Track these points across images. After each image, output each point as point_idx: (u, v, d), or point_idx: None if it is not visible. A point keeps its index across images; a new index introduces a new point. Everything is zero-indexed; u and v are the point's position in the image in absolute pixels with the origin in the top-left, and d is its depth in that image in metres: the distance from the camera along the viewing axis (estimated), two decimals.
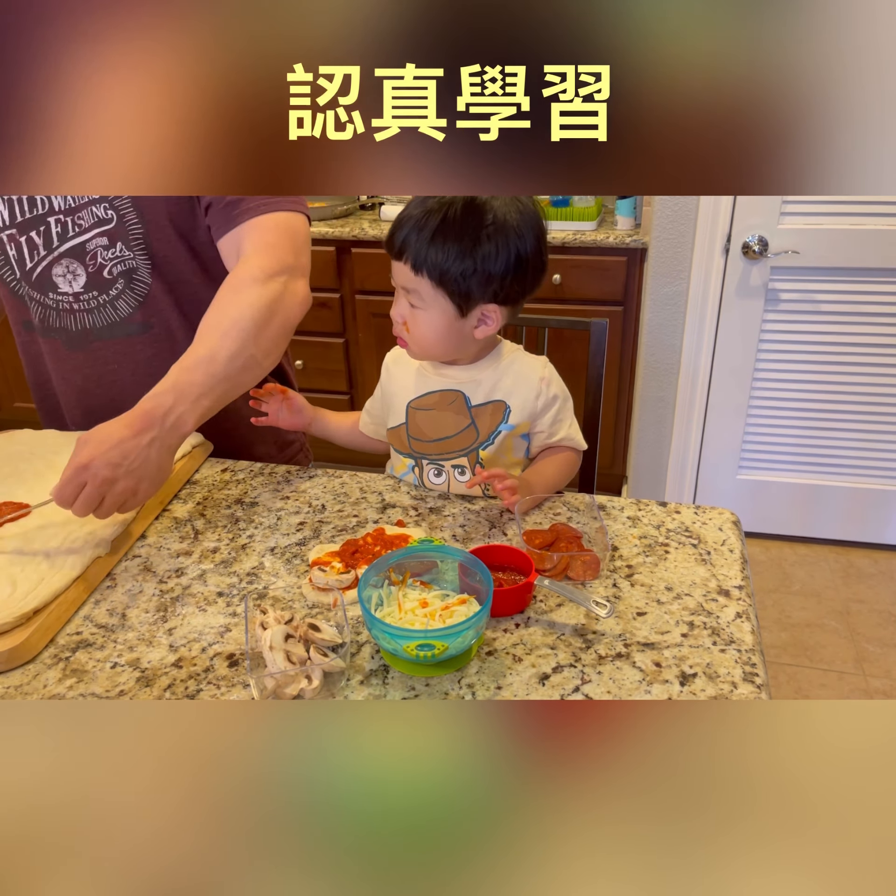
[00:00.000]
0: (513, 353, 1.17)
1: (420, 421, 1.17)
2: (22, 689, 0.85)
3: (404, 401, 1.18)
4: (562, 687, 0.83)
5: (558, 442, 1.18)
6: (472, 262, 1.01)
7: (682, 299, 2.37)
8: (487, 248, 1.01)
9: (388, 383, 1.22)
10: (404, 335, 1.11)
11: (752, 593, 0.96)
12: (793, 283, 2.28)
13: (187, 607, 0.96)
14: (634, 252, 2.45)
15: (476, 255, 1.01)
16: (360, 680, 0.84)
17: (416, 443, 1.18)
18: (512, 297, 1.07)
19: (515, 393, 1.14)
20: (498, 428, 1.14)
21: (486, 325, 1.08)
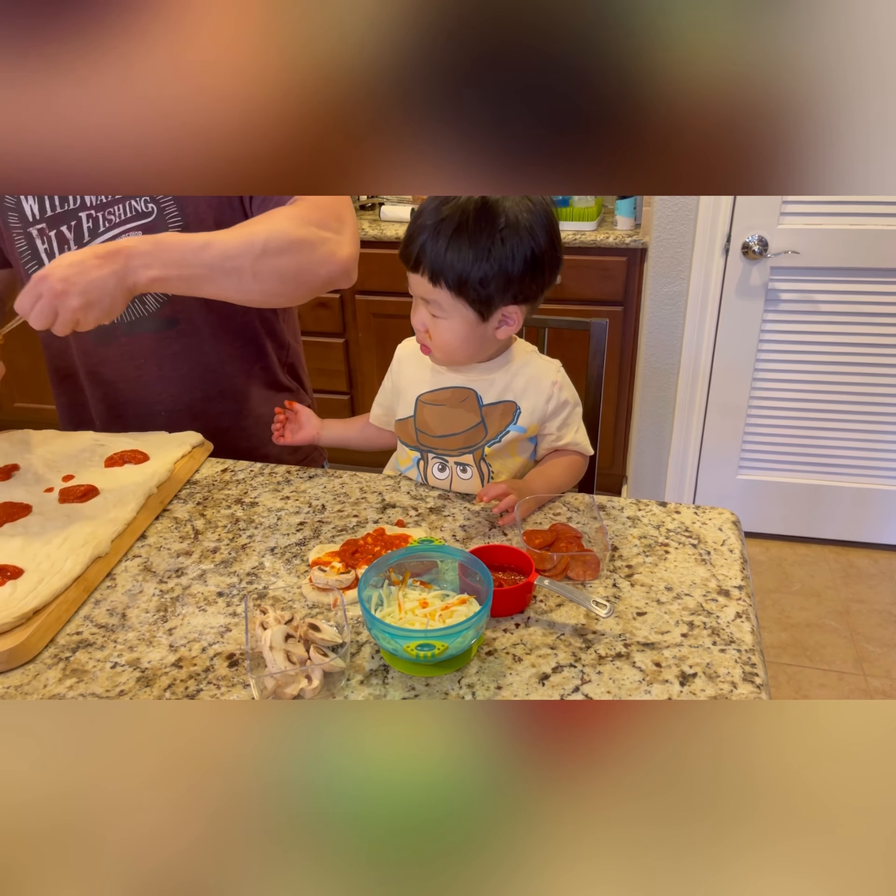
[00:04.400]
0: (527, 355, 1.17)
1: (428, 415, 1.17)
2: (22, 689, 0.85)
3: (415, 394, 1.18)
4: (562, 687, 0.83)
5: (564, 446, 1.18)
6: (489, 266, 1.00)
7: (682, 299, 2.37)
8: (503, 251, 1.00)
9: (399, 375, 1.22)
10: (427, 342, 1.11)
11: (752, 593, 0.96)
12: (793, 283, 2.28)
13: (187, 607, 0.96)
14: (634, 252, 2.45)
15: (492, 259, 1.00)
16: (360, 680, 0.84)
17: (423, 436, 1.19)
18: (531, 295, 1.06)
19: (527, 395, 1.14)
20: (506, 428, 1.15)
21: (508, 326, 1.09)
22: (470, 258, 1.00)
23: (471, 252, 1.00)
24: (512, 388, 1.14)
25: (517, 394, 1.14)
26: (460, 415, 1.16)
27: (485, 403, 1.15)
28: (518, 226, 1.00)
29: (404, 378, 1.21)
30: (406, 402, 1.20)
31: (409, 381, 1.20)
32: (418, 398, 1.18)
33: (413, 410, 1.18)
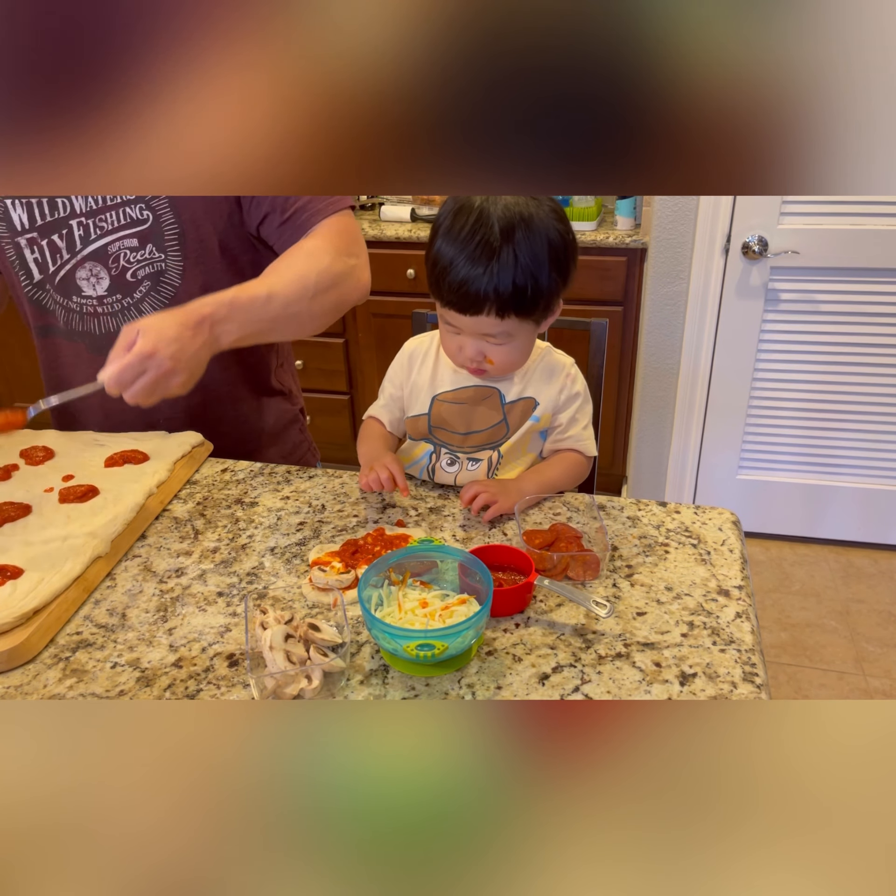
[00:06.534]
0: (543, 350, 1.18)
1: (447, 413, 1.17)
2: (22, 689, 0.85)
3: (431, 392, 1.18)
4: (562, 687, 0.83)
5: (569, 441, 1.19)
6: (546, 276, 0.99)
7: (682, 299, 2.37)
8: (550, 252, 0.99)
9: (411, 374, 1.20)
10: (485, 367, 1.09)
11: (751, 593, 0.96)
12: (793, 283, 2.28)
13: (187, 607, 0.96)
14: (634, 252, 2.45)
15: (547, 267, 0.99)
16: (360, 680, 0.84)
17: (440, 432, 1.18)
18: (570, 277, 1.05)
19: (544, 389, 1.15)
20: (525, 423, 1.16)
21: (553, 316, 1.09)
22: (533, 279, 0.98)
23: (529, 272, 0.98)
24: (531, 383, 1.15)
25: (536, 389, 1.15)
26: (482, 413, 1.16)
27: (507, 401, 1.15)
28: (540, 220, 0.99)
29: (420, 376, 1.19)
30: (420, 400, 1.19)
31: (425, 380, 1.19)
32: (434, 398, 1.17)
33: (428, 408, 1.18)
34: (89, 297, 1.25)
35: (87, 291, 1.25)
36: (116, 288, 1.24)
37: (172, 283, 1.24)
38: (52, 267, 1.24)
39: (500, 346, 1.05)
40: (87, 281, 1.24)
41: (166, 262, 1.23)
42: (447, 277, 1.00)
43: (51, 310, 1.29)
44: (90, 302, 1.25)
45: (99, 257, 1.22)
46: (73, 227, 1.21)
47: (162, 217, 1.20)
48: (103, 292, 1.24)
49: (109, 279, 1.23)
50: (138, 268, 1.23)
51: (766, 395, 2.45)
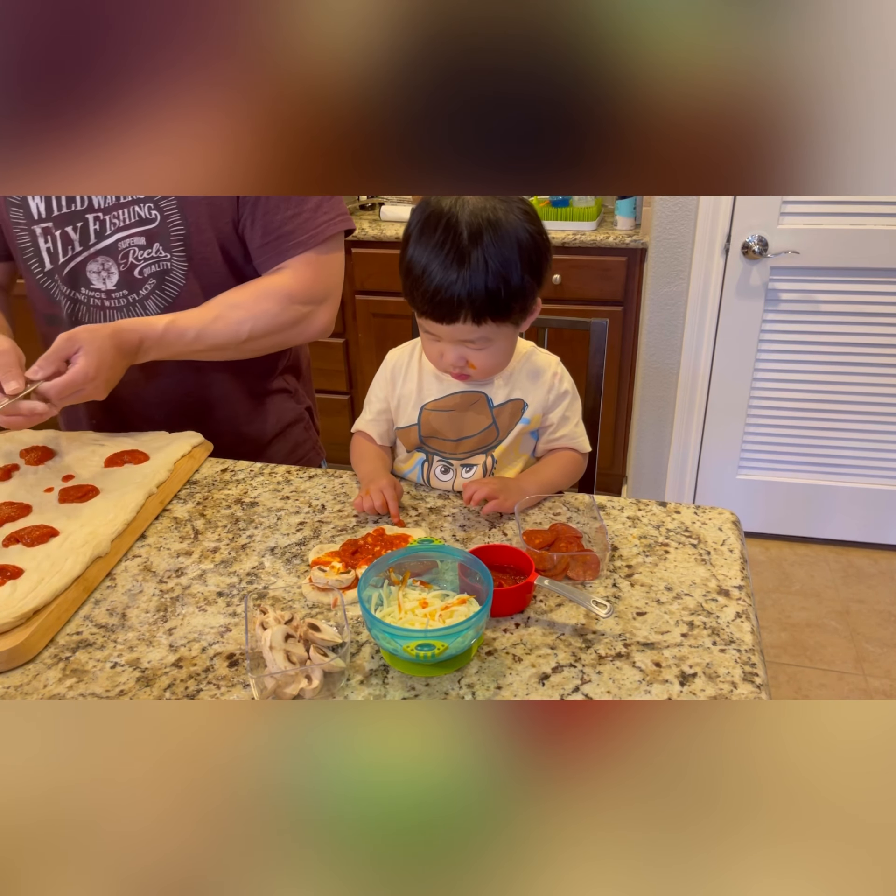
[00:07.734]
0: (527, 350, 1.18)
1: (436, 422, 1.17)
2: (22, 689, 0.85)
3: (418, 403, 1.17)
4: (562, 687, 0.83)
5: (562, 440, 1.19)
6: (519, 278, 0.99)
7: (682, 299, 2.37)
8: (521, 254, 0.99)
9: (395, 387, 1.20)
10: (468, 371, 1.09)
11: (751, 593, 0.96)
12: (793, 283, 2.28)
13: (187, 607, 0.96)
14: (634, 252, 2.45)
15: (520, 268, 0.99)
16: (360, 680, 0.84)
17: (431, 440, 1.18)
18: (545, 275, 1.05)
19: (531, 389, 1.15)
20: (515, 425, 1.16)
21: (532, 316, 1.09)
22: (504, 282, 0.98)
23: (500, 276, 0.97)
24: (518, 385, 1.15)
25: (523, 390, 1.15)
26: (472, 418, 1.16)
27: (495, 405, 1.15)
28: (509, 223, 0.98)
29: (405, 388, 1.19)
30: (408, 411, 1.19)
31: (411, 391, 1.18)
32: (423, 408, 1.17)
33: (417, 419, 1.18)
34: (98, 291, 1.26)
35: (96, 284, 1.26)
36: (124, 283, 1.25)
37: (177, 283, 1.25)
38: (63, 258, 1.25)
39: (480, 350, 1.06)
40: (98, 274, 1.25)
41: (171, 262, 1.24)
42: (421, 287, 1.00)
43: (57, 300, 1.30)
44: (98, 295, 1.27)
45: (110, 252, 1.24)
46: (89, 220, 1.22)
47: (169, 218, 1.21)
48: (112, 286, 1.26)
49: (118, 274, 1.25)
50: (145, 265, 1.24)
51: (766, 395, 2.45)
